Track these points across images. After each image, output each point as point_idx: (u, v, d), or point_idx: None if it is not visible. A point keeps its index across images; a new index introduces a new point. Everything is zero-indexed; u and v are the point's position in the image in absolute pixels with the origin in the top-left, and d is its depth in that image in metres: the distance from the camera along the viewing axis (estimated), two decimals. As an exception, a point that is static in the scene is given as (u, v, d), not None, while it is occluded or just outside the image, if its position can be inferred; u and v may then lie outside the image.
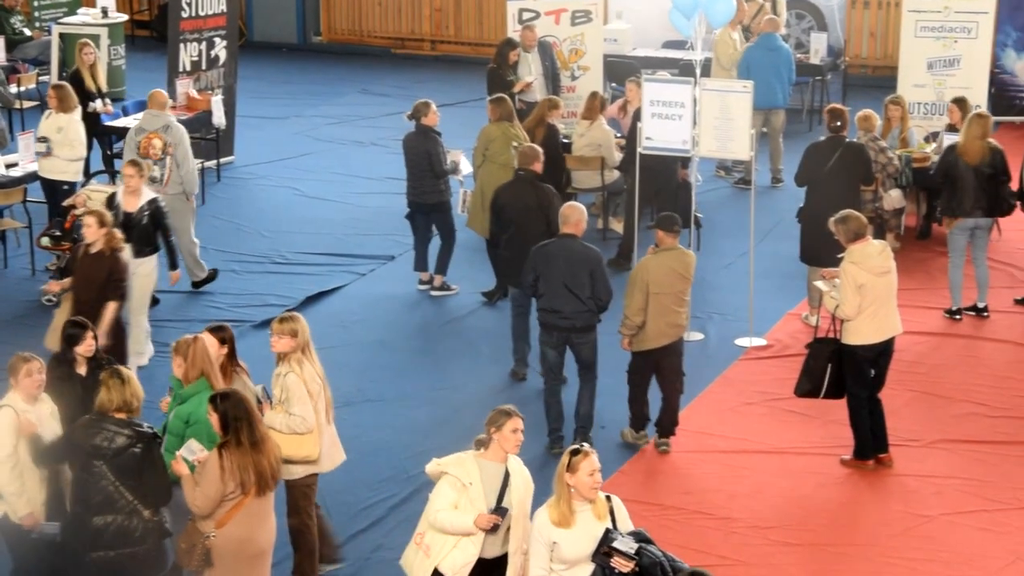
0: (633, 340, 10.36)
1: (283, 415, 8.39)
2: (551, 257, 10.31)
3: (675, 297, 10.29)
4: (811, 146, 12.78)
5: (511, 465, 7.53)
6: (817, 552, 9.18)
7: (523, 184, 11.82)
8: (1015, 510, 9.53)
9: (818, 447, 10.48)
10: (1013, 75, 18.44)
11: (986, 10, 16.19)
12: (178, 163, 13.23)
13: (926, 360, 11.90)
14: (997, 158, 12.56)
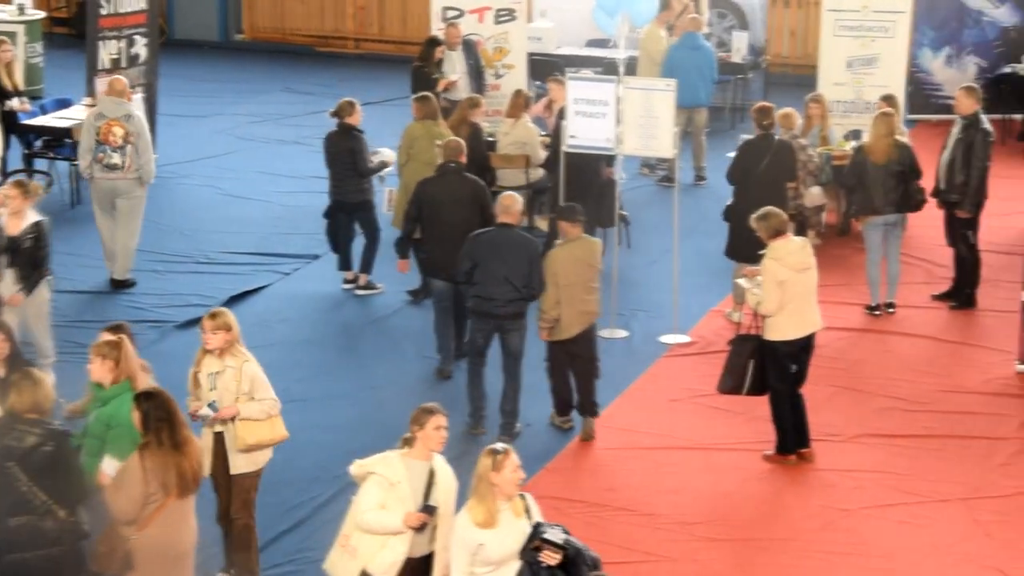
0: (551, 331, 10.54)
1: (257, 403, 8.45)
2: (490, 246, 10.46)
3: (584, 286, 10.49)
4: (745, 144, 12.87)
5: (436, 463, 7.54)
6: (740, 547, 9.27)
7: (452, 176, 11.83)
8: (933, 503, 9.68)
9: (741, 443, 10.58)
10: (930, 74, 18.71)
11: (903, 10, 16.41)
12: (139, 152, 13.28)
13: (846, 355, 12.05)
14: (905, 155, 12.75)
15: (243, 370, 8.45)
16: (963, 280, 13.11)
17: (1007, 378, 11.61)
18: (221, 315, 8.54)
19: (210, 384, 8.47)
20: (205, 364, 8.52)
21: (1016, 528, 9.33)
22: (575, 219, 10.59)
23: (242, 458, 8.54)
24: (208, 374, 8.49)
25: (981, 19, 18.50)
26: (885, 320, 12.85)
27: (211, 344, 8.46)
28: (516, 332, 10.57)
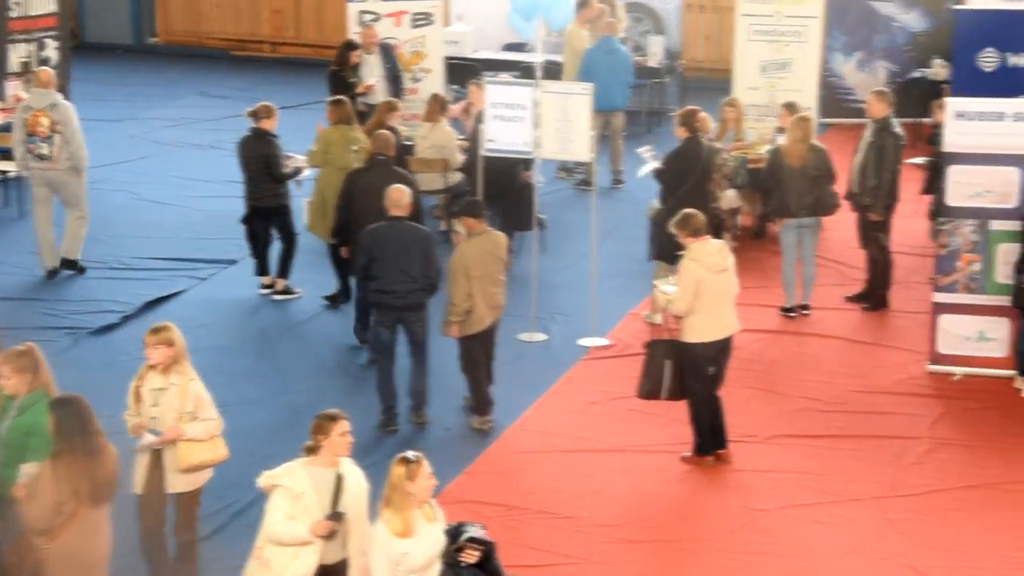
0: (463, 327, 10.71)
1: (201, 423, 8.31)
2: (385, 239, 10.68)
3: (492, 278, 10.76)
4: (684, 146, 12.89)
5: (343, 468, 7.52)
6: (659, 548, 9.33)
7: (382, 169, 11.97)
8: (848, 502, 9.80)
9: (659, 445, 10.65)
10: (842, 78, 18.96)
11: (815, 15, 16.61)
12: (67, 140, 13.41)
13: (762, 357, 12.17)
14: (820, 159, 12.92)
15: (188, 389, 8.29)
16: (875, 282, 13.30)
17: (918, 378, 11.79)
18: (163, 330, 8.32)
19: (152, 400, 8.28)
20: (148, 379, 8.32)
21: (927, 526, 9.47)
22: (478, 214, 10.85)
23: (181, 478, 8.39)
24: (151, 390, 8.30)
25: (891, 24, 18.78)
26: (800, 322, 13.00)
27: (152, 359, 8.27)
28: (419, 323, 10.82)
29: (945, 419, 11.03)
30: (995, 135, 11.49)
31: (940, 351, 11.87)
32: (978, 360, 11.78)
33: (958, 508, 9.67)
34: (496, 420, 11.04)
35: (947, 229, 11.78)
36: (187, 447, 8.29)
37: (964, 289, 11.80)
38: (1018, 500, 9.75)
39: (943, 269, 11.88)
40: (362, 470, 7.67)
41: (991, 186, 11.58)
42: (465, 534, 7.19)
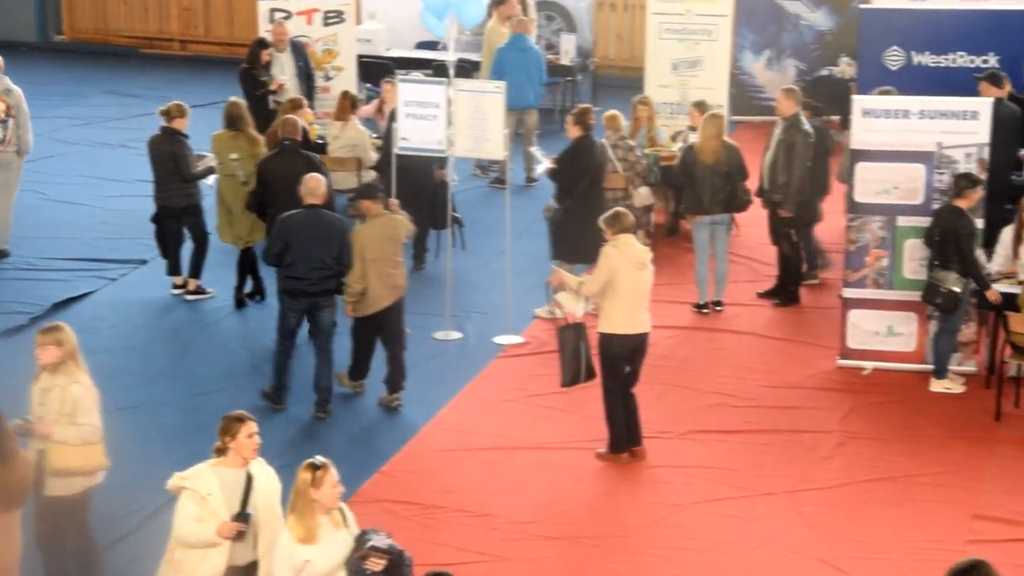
0: (357, 307, 11.06)
1: (74, 427, 8.15)
2: (300, 227, 10.91)
3: (390, 260, 11.11)
4: (577, 145, 12.96)
5: (254, 468, 7.47)
6: (575, 544, 9.36)
7: (290, 154, 12.19)
8: (761, 496, 9.91)
9: (575, 442, 10.69)
10: (752, 76, 19.15)
11: (725, 13, 16.76)
12: (19, 124, 13.76)
13: (676, 353, 12.26)
14: (733, 156, 13.04)
15: (68, 391, 8.15)
16: (786, 278, 13.45)
17: (829, 373, 11.94)
18: (53, 330, 8.23)
19: (40, 400, 8.20)
20: (42, 379, 8.24)
21: (838, 519, 9.60)
22: (375, 196, 11.20)
23: (57, 481, 8.23)
24: (40, 389, 8.21)
25: (799, 23, 19.00)
26: (713, 318, 13.11)
27: (41, 359, 8.19)
28: (328, 308, 11.09)
29: (855, 413, 11.18)
30: (901, 132, 11.67)
31: (850, 346, 12.03)
32: (887, 355, 11.95)
33: (868, 501, 9.81)
34: (412, 418, 11.04)
35: (855, 226, 11.95)
36: (57, 450, 8.12)
37: (873, 285, 11.97)
38: (926, 492, 9.91)
39: (852, 265, 12.04)
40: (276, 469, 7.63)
41: (898, 183, 11.75)
42: (368, 542, 7.15)
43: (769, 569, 9.04)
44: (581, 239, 12.58)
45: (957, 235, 11.24)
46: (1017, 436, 10.71)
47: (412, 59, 18.63)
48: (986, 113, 11.64)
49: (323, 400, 11.07)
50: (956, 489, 9.91)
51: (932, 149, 11.64)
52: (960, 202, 11.31)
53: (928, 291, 11.47)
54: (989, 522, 9.45)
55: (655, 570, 9.08)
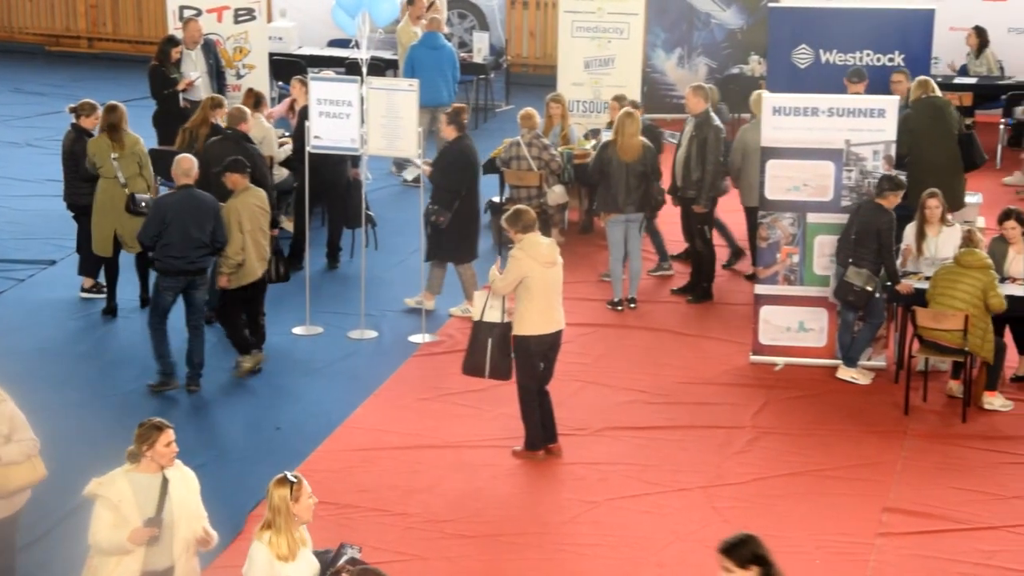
0: (233, 278, 11.52)
1: (16, 444, 8.00)
2: (176, 207, 11.30)
3: (261, 231, 11.68)
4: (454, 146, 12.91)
5: (169, 471, 7.39)
6: (492, 542, 9.37)
7: (230, 143, 12.48)
8: (674, 492, 9.98)
9: (491, 440, 10.70)
10: (664, 74, 19.29)
11: (636, 12, 16.86)
12: None
13: (591, 350, 12.32)
14: (649, 156, 13.12)
15: (2, 408, 8.01)
16: (700, 274, 13.56)
17: (742, 368, 12.06)
18: None
19: None
20: None
21: (751, 513, 9.68)
22: (241, 170, 11.56)
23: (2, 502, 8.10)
24: None
25: (710, 21, 19.17)
26: (627, 315, 13.19)
27: None
28: (203, 286, 11.53)
29: (768, 408, 11.30)
30: (810, 130, 11.81)
31: (762, 342, 12.16)
32: (798, 350, 12.09)
33: (781, 495, 9.92)
34: (327, 418, 10.98)
35: (767, 223, 12.07)
36: (4, 472, 7.98)
37: (784, 281, 12.10)
38: (837, 486, 10.03)
39: (764, 261, 12.17)
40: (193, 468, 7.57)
41: (808, 180, 11.89)
42: (344, 556, 7.09)
43: (684, 563, 9.11)
44: (463, 239, 12.68)
45: (879, 231, 11.40)
46: (925, 429, 10.89)
47: (324, 57, 18.55)
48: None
49: (195, 375, 11.48)
50: (867, 482, 10.04)
51: (841, 146, 11.80)
52: (881, 201, 11.48)
53: (840, 288, 11.62)
54: (898, 515, 9.60)
55: (571, 566, 9.11)
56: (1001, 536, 9.30)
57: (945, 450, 10.53)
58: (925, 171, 11.96)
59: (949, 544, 9.21)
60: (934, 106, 13.23)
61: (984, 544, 9.20)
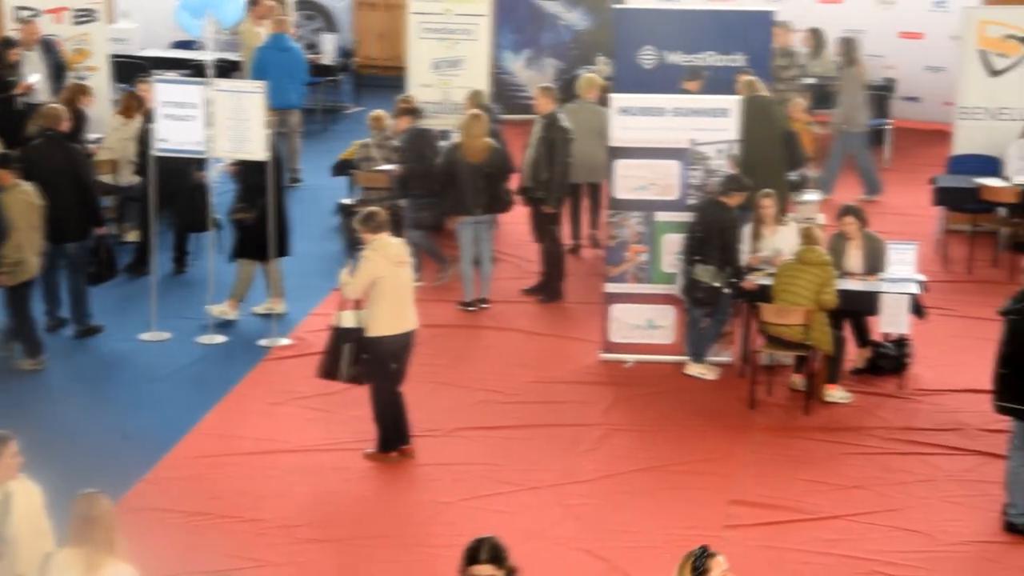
0: (12, 276, 11.47)
1: None
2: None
3: (34, 227, 11.59)
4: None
5: (12, 486, 7.21)
6: (345, 546, 9.34)
7: (52, 144, 12.27)
8: (526, 490, 10.04)
9: (343, 443, 10.66)
10: (513, 75, 19.40)
11: (483, 13, 16.92)
12: None
13: (444, 352, 12.33)
14: (497, 157, 13.19)
15: None
16: (550, 274, 13.67)
17: (592, 367, 12.18)
18: None
19: None
20: None
21: (602, 510, 9.80)
22: (8, 166, 11.57)
23: None
24: None
25: (557, 22, 19.34)
26: (479, 315, 13.24)
27: None
28: None
29: (618, 405, 11.44)
30: (656, 129, 11.98)
31: (612, 340, 12.31)
32: (648, 347, 12.26)
33: (631, 491, 10.05)
34: (176, 424, 10.84)
35: (615, 222, 12.22)
36: None
37: (633, 279, 12.26)
38: (686, 480, 10.20)
39: (613, 260, 12.31)
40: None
41: (654, 179, 12.06)
42: None
43: (537, 562, 9.14)
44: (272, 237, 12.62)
45: (722, 228, 11.61)
46: (770, 423, 11.12)
47: (169, 59, 18.28)
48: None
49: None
50: (714, 476, 10.23)
51: (686, 146, 11.99)
52: (725, 199, 11.70)
53: (688, 286, 11.81)
54: (745, 507, 9.79)
55: (425, 568, 9.12)
56: (842, 525, 9.54)
57: (789, 442, 10.76)
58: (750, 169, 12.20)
59: (793, 534, 9.43)
60: (759, 105, 13.48)
61: (826, 533, 9.43)
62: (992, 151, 14.99)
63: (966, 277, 14.17)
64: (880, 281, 11.68)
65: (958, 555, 9.15)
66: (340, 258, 14.07)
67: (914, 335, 11.92)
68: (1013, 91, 15.20)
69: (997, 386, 9.38)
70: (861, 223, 11.87)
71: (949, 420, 11.06)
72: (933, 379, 11.80)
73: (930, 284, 12.31)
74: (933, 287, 12.60)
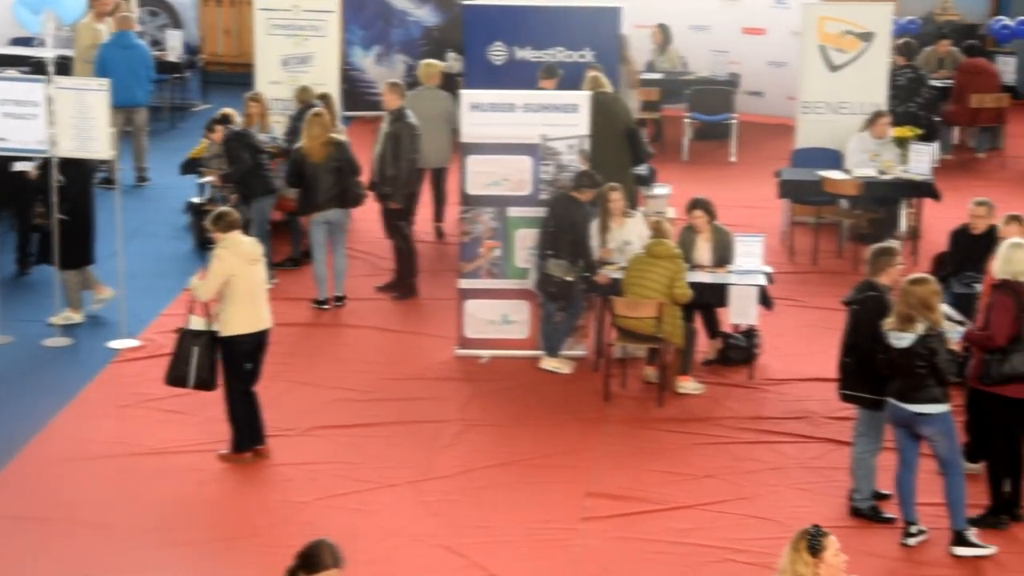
0: None
1: None
2: None
3: None
4: None
5: None
6: (201, 549, 9.21)
7: None
8: (383, 488, 10.01)
9: (196, 445, 10.52)
10: (363, 71, 19.32)
11: (332, 9, 16.84)
12: None
13: (298, 350, 12.25)
14: (342, 152, 13.13)
15: None
16: (403, 271, 13.65)
17: (447, 362, 12.20)
18: None
19: None
20: None
21: (459, 505, 9.81)
22: None
23: None
24: None
25: (406, 19, 19.32)
26: (334, 313, 13.17)
27: None
28: None
29: (474, 401, 11.47)
30: (508, 125, 12.04)
31: (467, 335, 12.33)
32: (502, 342, 12.32)
33: (488, 486, 10.08)
34: (22, 429, 10.60)
35: (468, 217, 12.24)
36: None
37: (487, 275, 12.30)
38: (543, 474, 10.26)
39: (466, 256, 12.34)
40: None
41: (507, 174, 12.12)
42: None
43: (394, 560, 9.17)
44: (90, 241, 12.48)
45: (574, 223, 11.71)
46: (624, 415, 11.25)
47: (6, 56, 17.83)
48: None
49: None
50: (570, 469, 10.31)
51: (537, 141, 12.07)
52: (576, 194, 11.80)
53: (542, 281, 11.89)
54: (600, 499, 9.89)
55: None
56: (694, 514, 9.70)
57: (643, 434, 10.90)
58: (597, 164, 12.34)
59: (647, 525, 9.55)
60: (604, 101, 13.61)
61: (679, 523, 9.57)
62: (834, 144, 15.36)
63: (811, 268, 14.50)
64: (729, 273, 11.89)
65: (807, 540, 9.34)
66: (190, 257, 13.92)
67: (762, 326, 12.16)
68: (852, 86, 15.59)
69: (841, 375, 9.62)
70: (709, 216, 12.07)
71: (797, 409, 11.30)
72: (781, 369, 12.05)
73: (777, 275, 12.56)
74: (780, 278, 12.86)
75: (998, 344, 9.17)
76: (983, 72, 18.20)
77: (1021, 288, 9.22)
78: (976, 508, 9.40)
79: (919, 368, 8.92)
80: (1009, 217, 10.38)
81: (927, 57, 19.12)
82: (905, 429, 9.16)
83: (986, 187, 16.55)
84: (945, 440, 9.06)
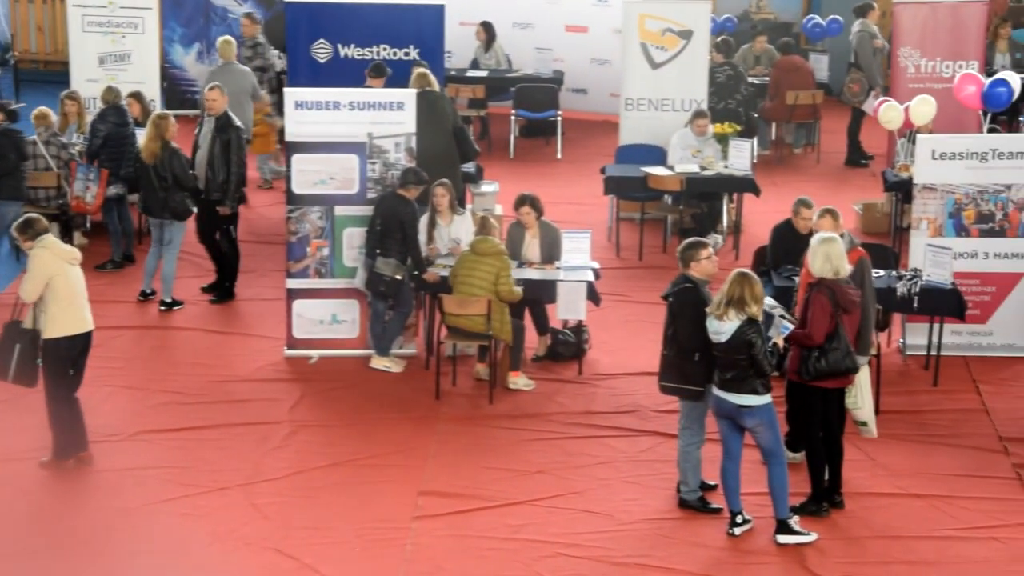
0: None
1: None
2: None
3: None
4: None
5: None
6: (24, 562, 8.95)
7: None
8: (212, 492, 9.87)
9: (16, 452, 10.24)
10: (183, 70, 18.99)
11: (149, 6, 16.53)
12: None
13: (121, 354, 12.01)
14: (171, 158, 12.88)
15: None
16: (224, 274, 13.47)
17: (277, 364, 12.07)
18: None
19: None
20: None
21: (290, 507, 9.72)
22: None
23: None
24: None
25: (227, 16, 19.04)
26: (159, 315, 12.93)
27: None
28: None
29: (304, 402, 11.37)
30: (334, 123, 11.96)
31: (296, 336, 12.21)
32: (332, 342, 12.23)
33: (320, 487, 10.01)
34: None
35: (295, 217, 12.12)
36: None
37: (315, 274, 12.20)
38: (375, 473, 10.22)
39: (294, 256, 12.22)
40: None
41: (334, 173, 12.04)
42: None
43: (224, 563, 9.04)
44: None
45: (402, 221, 11.68)
46: (455, 413, 11.26)
47: None
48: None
49: None
50: (402, 468, 10.29)
51: (364, 139, 12.01)
52: (404, 192, 11.77)
53: (371, 280, 11.84)
54: (433, 497, 9.89)
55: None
56: (526, 510, 9.75)
57: (475, 431, 10.93)
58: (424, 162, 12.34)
59: (480, 522, 9.57)
60: (430, 99, 13.61)
61: (512, 519, 9.62)
62: (657, 141, 15.60)
63: (637, 263, 14.70)
64: (557, 269, 11.99)
65: (637, 533, 9.49)
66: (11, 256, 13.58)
67: (590, 321, 12.29)
68: (673, 83, 15.85)
69: (661, 368, 9.76)
70: (537, 212, 12.15)
71: (626, 403, 11.45)
72: (610, 363, 12.20)
73: (604, 271, 12.71)
74: (607, 274, 13.02)
75: (817, 343, 9.41)
76: (798, 69, 18.67)
77: (836, 286, 9.47)
78: (798, 496, 9.63)
79: (739, 360, 9.11)
80: (823, 211, 10.63)
81: (744, 54, 19.55)
82: (728, 420, 9.34)
83: (802, 182, 17.01)
84: (767, 431, 9.27)
